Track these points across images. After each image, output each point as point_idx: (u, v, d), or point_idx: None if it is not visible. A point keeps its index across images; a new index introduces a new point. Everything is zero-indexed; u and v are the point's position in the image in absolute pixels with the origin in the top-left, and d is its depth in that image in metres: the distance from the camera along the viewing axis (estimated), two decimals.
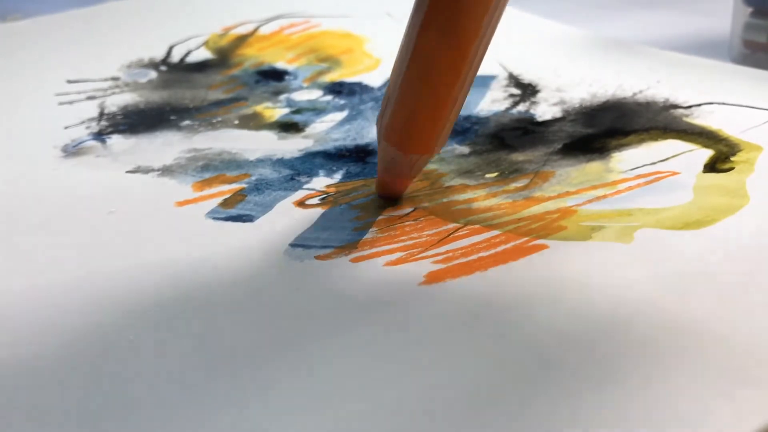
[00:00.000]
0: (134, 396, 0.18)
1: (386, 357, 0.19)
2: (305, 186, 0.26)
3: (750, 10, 0.36)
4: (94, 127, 0.30)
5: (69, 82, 0.34)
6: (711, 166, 0.26)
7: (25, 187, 0.26)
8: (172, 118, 0.31)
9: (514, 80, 0.33)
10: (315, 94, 0.33)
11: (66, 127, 0.30)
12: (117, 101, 0.32)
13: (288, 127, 0.30)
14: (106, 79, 0.34)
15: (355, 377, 0.18)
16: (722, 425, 0.16)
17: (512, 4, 0.41)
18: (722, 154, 0.27)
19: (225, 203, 0.25)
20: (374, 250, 0.22)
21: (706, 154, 0.27)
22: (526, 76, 0.33)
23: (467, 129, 0.29)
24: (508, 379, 0.18)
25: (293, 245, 0.23)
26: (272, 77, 0.34)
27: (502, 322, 0.19)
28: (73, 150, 0.29)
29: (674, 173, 0.26)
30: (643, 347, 0.18)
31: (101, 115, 0.31)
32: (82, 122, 0.31)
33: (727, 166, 0.26)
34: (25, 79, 0.34)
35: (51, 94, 0.33)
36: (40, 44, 0.37)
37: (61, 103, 0.32)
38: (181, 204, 0.25)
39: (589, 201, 0.24)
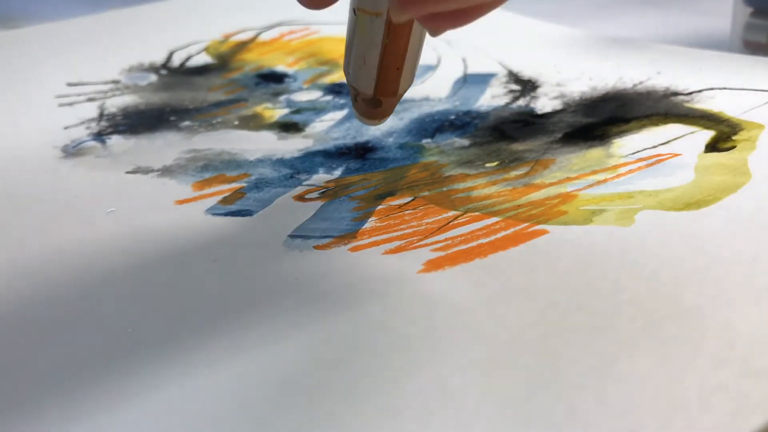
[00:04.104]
0: (135, 386, 0.17)
1: (386, 345, 0.18)
2: (305, 183, 0.26)
3: (750, 10, 0.36)
4: (94, 127, 0.30)
5: (69, 84, 0.34)
6: (712, 146, 0.26)
7: (25, 187, 0.26)
8: (172, 118, 0.31)
9: (514, 77, 0.33)
10: (315, 95, 0.33)
11: (66, 128, 0.30)
12: (117, 102, 0.32)
13: (288, 127, 0.30)
14: (106, 82, 0.34)
15: (355, 365, 0.18)
16: (722, 417, 0.16)
17: (513, 6, 0.41)
18: (723, 134, 0.26)
19: (225, 200, 0.25)
20: (373, 239, 0.22)
21: (708, 135, 0.27)
22: (526, 73, 0.33)
23: (467, 123, 0.29)
24: (509, 370, 0.17)
25: (292, 236, 0.23)
26: (272, 80, 0.34)
27: (502, 310, 0.19)
28: (73, 150, 0.29)
29: (675, 155, 0.26)
30: (643, 336, 0.18)
31: (101, 115, 0.31)
32: (82, 123, 0.31)
33: (728, 144, 0.26)
34: (26, 82, 0.35)
35: (51, 96, 0.33)
36: (41, 50, 0.38)
37: (61, 105, 0.32)
38: (181, 203, 0.25)
39: (590, 186, 0.24)
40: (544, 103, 0.30)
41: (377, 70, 0.23)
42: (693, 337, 0.18)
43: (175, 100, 0.33)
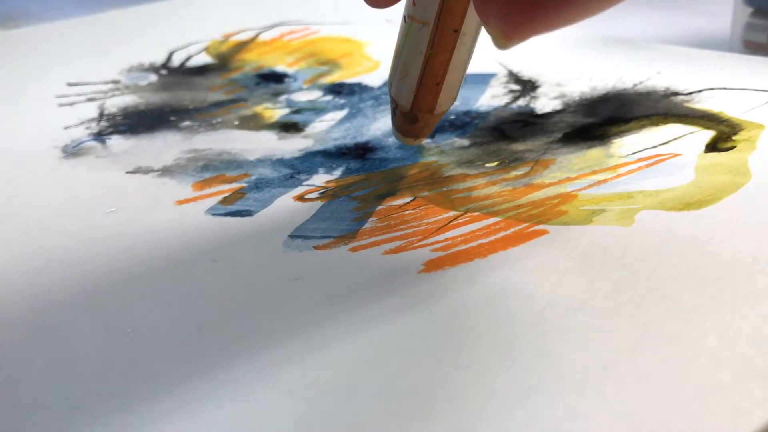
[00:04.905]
0: (134, 389, 0.17)
1: (386, 345, 0.18)
2: (305, 183, 0.26)
3: (750, 10, 0.36)
4: (94, 127, 0.30)
5: (69, 84, 0.34)
6: (712, 146, 0.26)
7: (25, 187, 0.26)
8: (172, 118, 0.31)
9: (514, 77, 0.33)
10: (315, 95, 0.33)
11: (66, 128, 0.30)
12: (117, 102, 0.32)
13: (288, 127, 0.30)
14: (106, 82, 0.34)
15: (356, 366, 0.18)
16: (723, 417, 0.16)
17: None
18: (724, 134, 0.26)
19: (225, 201, 0.25)
20: (373, 239, 0.22)
21: (708, 135, 0.27)
22: (526, 73, 0.33)
23: (467, 123, 0.29)
24: (509, 369, 0.17)
25: (292, 236, 0.23)
26: (272, 80, 0.34)
27: (502, 310, 0.19)
28: (73, 150, 0.29)
29: (675, 155, 0.26)
30: (643, 336, 0.18)
31: (101, 115, 0.31)
32: (82, 123, 0.31)
33: (728, 145, 0.26)
34: (26, 82, 0.35)
35: (51, 96, 0.33)
36: (42, 49, 0.38)
37: (61, 105, 0.32)
38: (181, 203, 0.25)
39: (590, 186, 0.24)
40: (544, 103, 0.30)
41: (417, 82, 0.23)
42: (693, 337, 0.18)
43: (175, 100, 0.33)
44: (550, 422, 0.16)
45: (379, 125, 0.30)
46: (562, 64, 0.33)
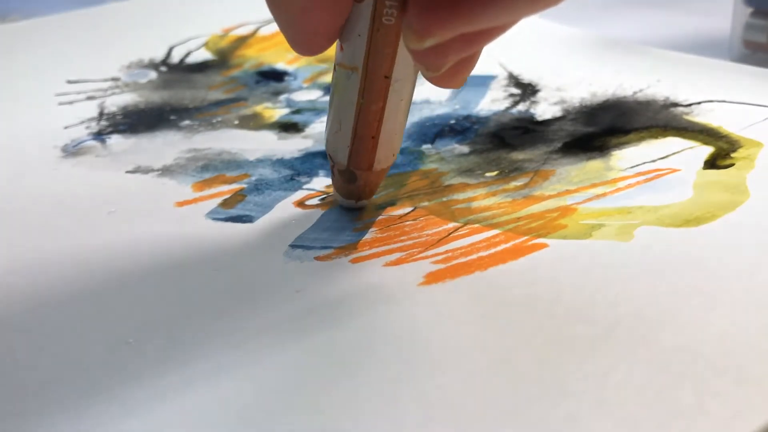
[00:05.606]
0: (135, 398, 0.18)
1: (387, 358, 0.19)
2: (305, 186, 0.26)
3: (750, 10, 0.36)
4: (94, 127, 0.30)
5: (69, 82, 0.34)
6: (711, 163, 0.26)
7: (25, 187, 0.26)
8: (172, 118, 0.31)
9: (514, 80, 0.33)
10: (315, 94, 0.33)
11: (66, 127, 0.30)
12: (117, 101, 0.32)
13: (288, 127, 0.30)
14: (106, 80, 0.34)
15: (356, 378, 0.18)
16: (718, 423, 0.16)
17: None
18: (722, 151, 0.27)
19: (225, 203, 0.25)
20: (374, 250, 0.22)
21: (707, 151, 0.27)
22: (526, 76, 0.33)
23: (467, 128, 0.29)
24: (509, 378, 0.18)
25: (293, 246, 0.23)
26: (272, 78, 0.34)
27: (502, 321, 0.19)
28: (73, 150, 0.29)
29: (674, 170, 0.26)
30: (642, 345, 0.18)
31: (101, 115, 0.31)
32: (82, 122, 0.31)
33: (727, 162, 0.26)
34: (25, 80, 0.34)
35: (51, 95, 0.33)
36: (40, 45, 0.38)
37: (61, 104, 0.32)
38: (180, 204, 0.25)
39: (589, 199, 0.24)
40: (543, 109, 0.30)
41: (351, 135, 0.22)
42: (691, 346, 0.18)
43: (175, 98, 0.33)
44: (549, 428, 0.16)
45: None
46: (562, 67, 0.33)
